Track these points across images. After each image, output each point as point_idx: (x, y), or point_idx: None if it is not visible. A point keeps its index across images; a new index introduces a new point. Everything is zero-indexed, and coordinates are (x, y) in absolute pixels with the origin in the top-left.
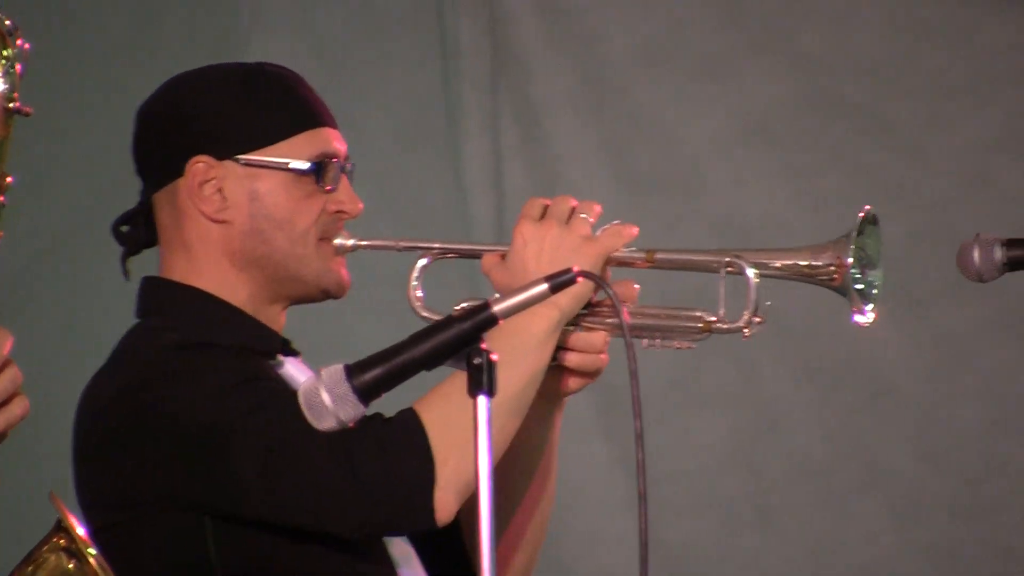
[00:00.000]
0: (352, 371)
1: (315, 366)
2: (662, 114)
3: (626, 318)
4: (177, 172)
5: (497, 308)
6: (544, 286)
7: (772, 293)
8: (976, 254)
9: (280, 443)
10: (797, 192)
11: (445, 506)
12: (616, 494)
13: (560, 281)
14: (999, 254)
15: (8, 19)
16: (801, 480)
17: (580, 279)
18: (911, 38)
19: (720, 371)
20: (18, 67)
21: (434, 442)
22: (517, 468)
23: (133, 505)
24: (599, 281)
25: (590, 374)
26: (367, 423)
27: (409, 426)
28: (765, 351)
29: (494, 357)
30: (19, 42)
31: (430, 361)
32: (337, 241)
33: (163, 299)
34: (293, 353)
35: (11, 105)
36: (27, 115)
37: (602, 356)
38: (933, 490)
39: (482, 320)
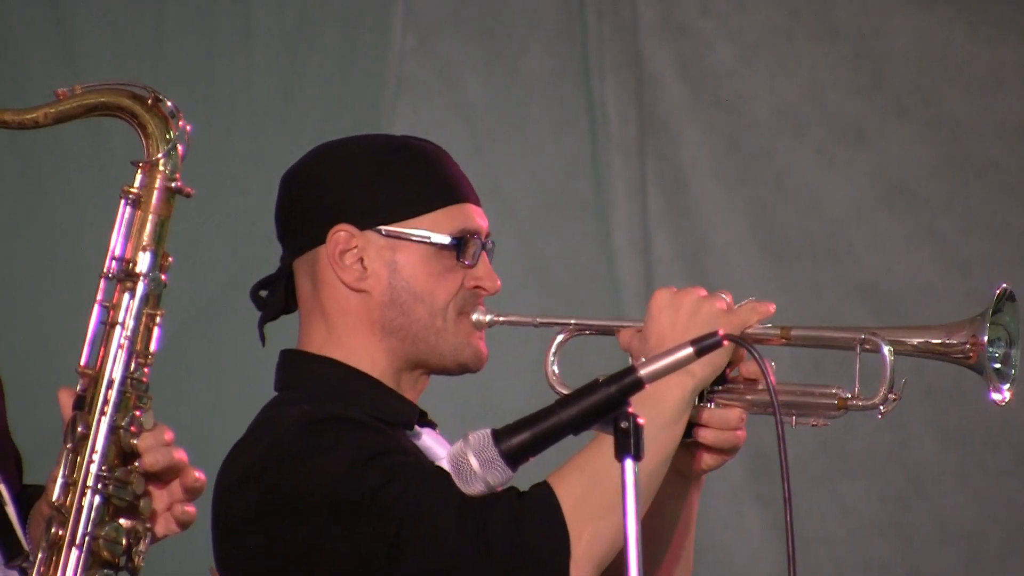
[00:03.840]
0: (499, 436)
1: (452, 438)
2: (805, 178)
3: (772, 381)
4: (318, 240)
5: (643, 372)
6: (689, 349)
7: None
8: None
9: (412, 518)
10: (942, 256)
11: None
12: (768, 557)
13: (706, 344)
14: None
15: (170, 101)
16: (951, 543)
17: (726, 343)
18: None
19: (869, 435)
20: (180, 148)
21: (568, 515)
22: (653, 545)
23: None
24: (745, 345)
25: (727, 451)
26: (501, 498)
27: (543, 499)
28: (913, 414)
29: (641, 421)
30: (181, 123)
31: (576, 425)
32: (475, 316)
33: (300, 372)
34: (430, 424)
35: (173, 185)
36: (188, 196)
37: (738, 433)
38: None
39: (628, 384)
